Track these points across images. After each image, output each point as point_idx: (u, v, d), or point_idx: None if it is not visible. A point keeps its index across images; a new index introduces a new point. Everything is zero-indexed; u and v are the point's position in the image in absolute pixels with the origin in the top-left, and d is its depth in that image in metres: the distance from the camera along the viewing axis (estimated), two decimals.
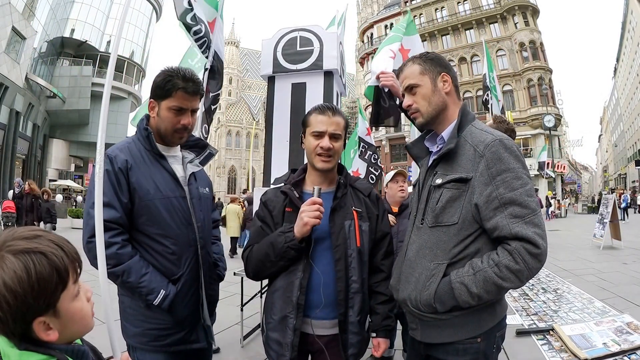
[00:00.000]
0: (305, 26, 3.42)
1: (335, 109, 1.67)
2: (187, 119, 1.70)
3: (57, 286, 0.77)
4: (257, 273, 1.66)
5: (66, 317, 0.81)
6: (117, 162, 1.60)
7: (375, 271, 1.71)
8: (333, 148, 1.61)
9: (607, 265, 7.63)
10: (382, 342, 1.69)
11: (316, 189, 1.55)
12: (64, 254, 0.80)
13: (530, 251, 1.26)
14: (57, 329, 0.80)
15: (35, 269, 0.74)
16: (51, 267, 0.76)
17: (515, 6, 32.74)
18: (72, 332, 0.85)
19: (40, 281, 0.74)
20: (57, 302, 0.78)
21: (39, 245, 0.77)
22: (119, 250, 1.55)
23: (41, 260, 0.75)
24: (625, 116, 49.93)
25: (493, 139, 1.36)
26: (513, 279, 1.27)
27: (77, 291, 0.83)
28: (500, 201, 1.30)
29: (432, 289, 1.36)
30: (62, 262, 0.78)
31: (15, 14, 22.44)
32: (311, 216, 1.48)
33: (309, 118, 1.67)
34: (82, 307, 0.84)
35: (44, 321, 0.78)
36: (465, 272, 1.32)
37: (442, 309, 1.35)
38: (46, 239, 0.80)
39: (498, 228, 1.30)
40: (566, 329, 3.91)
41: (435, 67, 1.52)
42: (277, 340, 1.58)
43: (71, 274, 0.81)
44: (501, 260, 1.28)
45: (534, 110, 31.03)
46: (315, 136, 1.62)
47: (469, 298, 1.31)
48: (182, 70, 1.68)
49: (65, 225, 15.66)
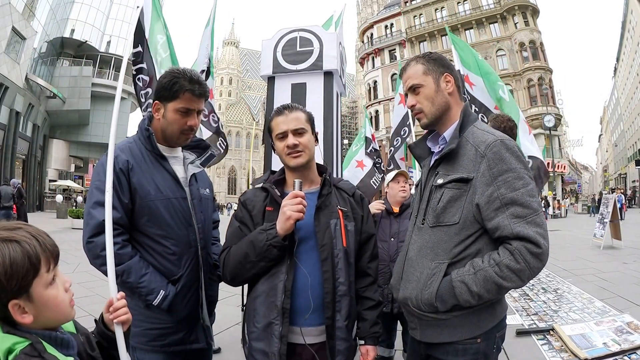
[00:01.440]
0: (305, 26, 3.41)
1: (293, 106, 1.64)
2: (194, 120, 1.70)
3: (28, 271, 0.86)
4: (235, 276, 1.56)
5: (40, 302, 0.89)
6: (118, 163, 1.60)
7: (361, 275, 1.65)
8: (300, 143, 1.57)
9: (607, 265, 7.62)
10: (371, 350, 1.62)
11: (297, 182, 1.49)
12: (38, 244, 0.89)
13: (531, 251, 1.26)
14: (32, 313, 0.89)
15: (9, 254, 0.84)
16: (24, 254, 0.86)
17: (515, 6, 32.77)
18: (47, 318, 0.92)
19: (13, 265, 0.84)
20: (29, 287, 0.87)
21: (16, 235, 0.88)
22: (119, 251, 1.54)
23: (15, 247, 0.86)
24: (626, 116, 49.89)
25: (494, 139, 1.37)
26: (514, 279, 1.27)
27: (52, 280, 0.92)
28: (501, 201, 1.30)
29: (434, 288, 1.36)
30: (34, 251, 0.88)
31: (15, 14, 22.43)
32: (294, 210, 1.42)
33: (270, 124, 1.65)
34: (57, 295, 0.93)
35: (18, 304, 0.87)
36: (465, 271, 1.33)
37: (442, 308, 1.35)
38: (24, 230, 0.90)
39: (499, 228, 1.30)
40: (566, 328, 3.92)
41: (438, 67, 1.52)
42: (262, 350, 1.48)
43: (44, 262, 0.89)
44: (502, 259, 1.28)
45: (534, 110, 31.05)
46: (280, 138, 1.60)
47: (469, 297, 1.31)
48: (187, 72, 1.68)
49: (65, 225, 15.67)
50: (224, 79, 77.25)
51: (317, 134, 1.70)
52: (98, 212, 1.56)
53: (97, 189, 1.60)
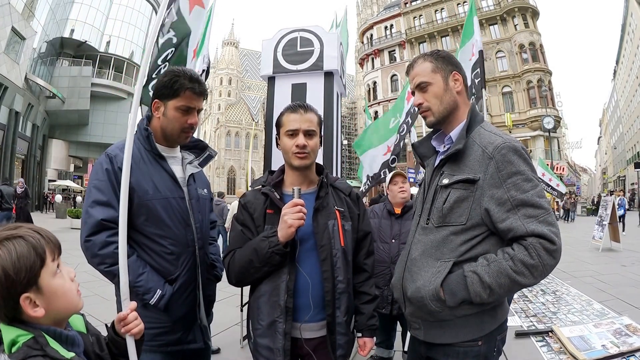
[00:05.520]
0: (306, 27, 3.41)
1: (307, 106, 1.65)
2: (194, 118, 1.72)
3: (34, 262, 0.89)
4: (240, 280, 1.62)
5: (49, 292, 0.92)
6: (116, 162, 1.61)
7: (358, 271, 1.71)
8: (308, 145, 1.59)
9: (606, 268, 7.64)
10: (368, 342, 1.70)
11: (296, 190, 1.51)
12: (41, 236, 0.93)
13: (545, 247, 1.25)
14: (43, 305, 0.91)
15: (15, 249, 0.88)
16: (29, 246, 0.90)
17: (515, 8, 32.81)
18: (57, 309, 0.94)
19: (20, 258, 0.87)
20: (38, 278, 0.90)
21: (19, 232, 0.92)
22: (116, 250, 1.54)
23: (20, 242, 0.89)
24: (625, 118, 49.97)
25: (502, 141, 1.36)
26: (527, 274, 1.27)
27: (58, 269, 0.95)
28: (512, 203, 1.30)
29: (438, 281, 1.35)
30: (38, 242, 0.91)
31: (15, 14, 22.43)
32: (295, 218, 1.45)
33: (281, 118, 1.65)
34: (63, 283, 0.96)
35: (29, 297, 0.89)
36: (479, 263, 1.32)
37: (451, 302, 1.33)
38: (26, 227, 0.94)
39: (513, 229, 1.29)
40: (565, 330, 3.92)
41: (447, 66, 1.51)
42: (267, 346, 1.55)
43: (48, 252, 0.93)
44: (516, 254, 1.27)
45: (534, 112, 31.08)
46: (290, 135, 1.60)
47: (480, 288, 1.29)
48: (188, 71, 1.70)
49: (65, 225, 15.65)
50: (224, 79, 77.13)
51: (322, 136, 1.71)
52: (96, 211, 1.57)
53: (95, 187, 1.61)
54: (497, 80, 33.05)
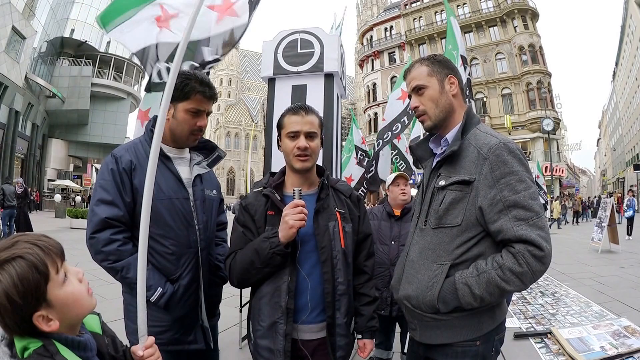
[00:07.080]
0: (306, 28, 3.42)
1: (309, 108, 1.65)
2: (204, 121, 1.74)
3: (38, 282, 0.86)
4: (242, 281, 1.62)
5: (60, 304, 0.89)
6: (121, 163, 1.64)
7: (358, 272, 1.71)
8: (310, 147, 1.59)
9: (604, 269, 7.65)
10: (368, 343, 1.70)
11: (296, 190, 1.51)
12: (40, 250, 0.88)
13: (533, 253, 1.26)
14: (57, 317, 0.89)
15: (16, 272, 0.84)
16: (29, 267, 0.85)
17: (515, 10, 32.82)
18: (72, 316, 0.93)
19: (23, 282, 0.84)
20: (46, 295, 0.87)
21: (16, 250, 0.86)
22: (120, 247, 1.59)
23: (20, 263, 0.85)
24: (624, 120, 50.01)
25: (497, 142, 1.37)
26: (516, 282, 1.28)
27: (64, 277, 0.92)
28: (504, 204, 1.30)
29: (436, 289, 1.36)
30: (38, 259, 0.87)
31: (15, 13, 22.42)
32: (296, 219, 1.46)
33: (283, 120, 1.65)
34: (73, 289, 0.93)
35: (41, 315, 0.87)
36: (469, 273, 1.33)
37: (444, 309, 1.36)
38: (23, 242, 0.89)
39: (502, 231, 1.30)
40: (564, 332, 3.92)
41: (443, 69, 1.53)
42: (267, 348, 1.56)
43: (51, 266, 0.89)
44: (505, 262, 1.28)
45: (533, 114, 31.08)
46: (291, 137, 1.60)
47: (471, 299, 1.31)
48: (198, 75, 1.72)
49: (64, 225, 15.64)
50: (223, 80, 77.18)
51: (322, 138, 1.72)
52: (101, 209, 1.61)
53: (101, 187, 1.64)
54: (497, 82, 33.07)
